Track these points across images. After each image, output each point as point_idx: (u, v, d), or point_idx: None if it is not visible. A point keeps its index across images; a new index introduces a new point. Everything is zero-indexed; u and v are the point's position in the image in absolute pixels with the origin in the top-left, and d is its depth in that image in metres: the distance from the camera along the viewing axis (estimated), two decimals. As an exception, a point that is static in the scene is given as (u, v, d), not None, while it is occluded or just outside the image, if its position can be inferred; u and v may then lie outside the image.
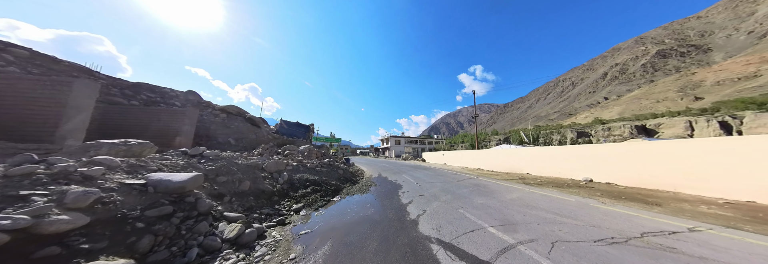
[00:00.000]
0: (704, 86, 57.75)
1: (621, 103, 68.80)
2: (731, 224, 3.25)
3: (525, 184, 7.12)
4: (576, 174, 8.18)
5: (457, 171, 11.95)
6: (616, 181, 7.06)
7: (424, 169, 13.43)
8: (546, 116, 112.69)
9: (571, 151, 8.83)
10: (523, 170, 10.67)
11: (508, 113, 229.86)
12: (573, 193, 5.52)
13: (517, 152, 11.62)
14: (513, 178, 8.65)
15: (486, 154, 14.12)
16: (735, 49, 78.82)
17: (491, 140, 36.27)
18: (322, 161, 9.86)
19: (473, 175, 9.66)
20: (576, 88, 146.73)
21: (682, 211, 3.93)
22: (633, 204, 4.46)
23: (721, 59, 76.28)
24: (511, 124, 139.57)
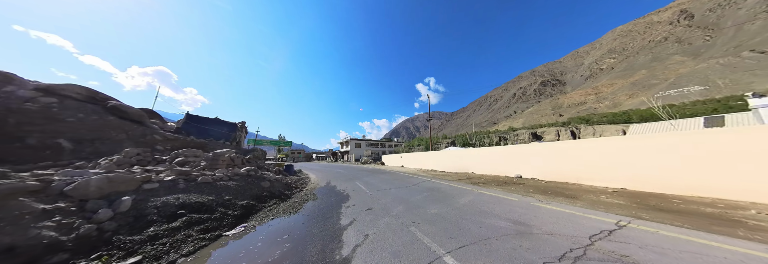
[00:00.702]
0: (564, 107, 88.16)
1: (523, 116, 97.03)
2: (634, 214, 3.36)
3: (473, 184, 6.76)
4: (509, 171, 8.43)
5: (413, 174, 11.07)
6: (538, 177, 7.50)
7: (381, 173, 12.03)
8: (480, 124, 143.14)
9: (503, 151, 9.16)
10: (469, 169, 10.57)
11: (454, 120, 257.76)
12: (513, 192, 5.38)
13: (463, 153, 11.56)
14: (462, 179, 8.29)
15: (438, 155, 13.71)
16: (576, 85, 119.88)
17: (442, 143, 41.03)
18: (236, 172, 6.68)
19: (427, 178, 8.97)
20: (498, 103, 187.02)
21: (595, 203, 4.03)
22: (560, 199, 4.47)
23: (570, 90, 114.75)
24: (457, 130, 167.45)
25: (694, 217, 3.21)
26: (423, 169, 14.47)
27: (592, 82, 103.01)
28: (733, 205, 3.72)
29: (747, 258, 2.00)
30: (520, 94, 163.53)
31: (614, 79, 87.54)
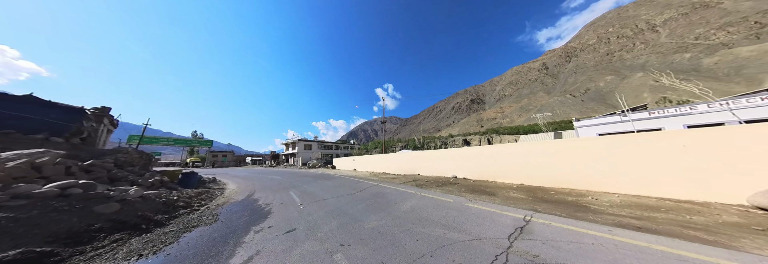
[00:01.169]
0: (484, 120, 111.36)
1: (459, 126, 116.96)
2: (532, 207, 3.74)
3: (417, 187, 6.72)
4: (447, 172, 8.94)
5: (363, 178, 10.22)
6: (468, 176, 8.10)
7: (328, 178, 10.49)
8: (427, 130, 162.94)
9: (441, 154, 9.86)
10: (416, 171, 10.62)
11: (408, 126, 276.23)
12: (449, 192, 5.46)
13: (411, 156, 11.56)
14: (409, 181, 8.20)
15: (389, 158, 13.31)
16: (491, 104, 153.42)
17: (397, 146, 41.97)
18: (32, 191, 3.55)
19: (376, 182, 8.31)
20: (441, 114, 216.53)
21: (507, 199, 4.45)
22: (484, 197, 4.76)
23: (488, 108, 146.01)
24: (410, 134, 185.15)
25: (564, 206, 3.83)
26: (374, 172, 13.54)
27: (500, 104, 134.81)
28: (578, 192, 4.83)
29: (597, 240, 2.37)
30: (457, 107, 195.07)
31: (511, 103, 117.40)
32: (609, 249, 2.15)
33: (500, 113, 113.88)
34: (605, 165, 4.92)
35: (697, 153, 3.85)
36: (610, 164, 4.86)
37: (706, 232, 2.49)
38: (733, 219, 2.84)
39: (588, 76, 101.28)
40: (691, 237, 2.36)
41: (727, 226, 2.63)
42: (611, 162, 4.85)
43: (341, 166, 20.16)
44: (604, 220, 3.03)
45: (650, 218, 3.02)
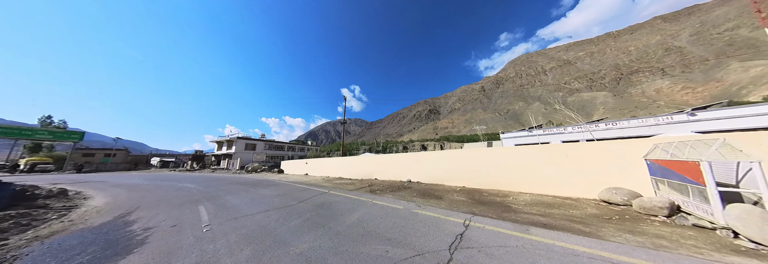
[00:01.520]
0: (439, 129, 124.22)
1: (419, 132, 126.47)
2: (471, 210, 3.94)
3: (371, 193, 6.16)
4: (403, 176, 8.80)
5: (313, 184, 8.74)
6: (421, 180, 8.18)
7: (268, 185, 8.51)
8: (391, 134, 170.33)
9: (397, 159, 9.68)
10: (374, 176, 10.18)
11: (373, 129, 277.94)
12: (401, 198, 5.26)
13: (369, 159, 11.10)
14: (364, 186, 7.56)
15: (347, 161, 12.31)
16: (445, 115, 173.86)
17: (360, 149, 41.32)
18: None
19: (327, 189, 7.20)
20: (405, 120, 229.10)
21: (452, 203, 4.53)
22: (433, 201, 4.75)
23: (442, 118, 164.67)
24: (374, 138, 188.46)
25: (494, 207, 4.19)
26: (329, 177, 12.01)
27: (451, 115, 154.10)
28: (503, 193, 5.51)
29: (519, 241, 2.55)
30: (418, 115, 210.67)
31: (459, 116, 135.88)
32: (528, 250, 2.32)
33: (451, 123, 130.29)
34: (520, 170, 5.91)
35: (572, 161, 5.15)
36: (522, 169, 5.87)
37: (583, 224, 3.12)
38: (594, 211, 3.76)
39: (509, 101, 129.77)
40: (576, 230, 2.86)
41: (592, 218, 3.41)
42: (523, 167, 5.87)
43: (291, 170, 17.21)
44: (523, 219, 3.42)
45: (550, 215, 3.63)
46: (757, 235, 2.29)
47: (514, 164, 6.14)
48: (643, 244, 2.42)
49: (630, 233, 2.76)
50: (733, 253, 2.16)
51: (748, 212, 2.46)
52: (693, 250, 2.26)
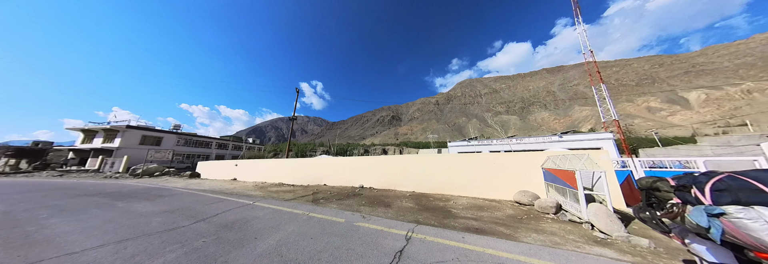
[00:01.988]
0: (399, 134, 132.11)
1: (381, 136, 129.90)
2: (416, 218, 3.85)
3: (313, 203, 5.20)
4: (355, 181, 8.23)
5: (237, 193, 6.91)
6: (374, 185, 7.81)
7: (153, 197, 5.98)
8: (354, 137, 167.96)
9: (350, 162, 8.96)
10: (322, 181, 9.05)
11: (334, 130, 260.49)
12: (347, 208, 4.65)
13: (320, 163, 9.81)
14: (307, 195, 6.38)
15: (292, 164, 10.52)
16: (405, 123, 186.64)
17: (318, 150, 36.47)
18: None
19: (252, 200, 5.57)
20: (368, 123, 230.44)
21: (399, 210, 4.36)
22: (380, 210, 4.44)
23: (403, 125, 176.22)
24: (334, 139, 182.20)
25: (437, 213, 4.23)
26: (265, 182, 9.97)
27: (410, 123, 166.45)
28: (446, 197, 5.78)
29: (455, 252, 2.49)
30: (381, 120, 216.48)
31: (417, 124, 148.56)
32: (463, 262, 2.27)
33: (410, 130, 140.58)
34: (460, 175, 6.48)
35: (496, 168, 6.07)
36: (461, 174, 6.46)
37: (505, 226, 3.47)
38: (511, 212, 4.36)
39: (455, 115, 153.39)
40: (500, 233, 3.11)
41: (510, 219, 3.88)
42: (462, 173, 6.47)
43: (212, 173, 13.38)
44: (460, 224, 3.51)
45: (481, 218, 3.93)
46: (604, 228, 3.05)
47: (455, 170, 6.69)
48: (545, 243, 2.80)
49: (535, 232, 3.22)
50: (594, 244, 2.77)
51: (598, 209, 3.31)
52: (573, 244, 2.77)
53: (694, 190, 1.33)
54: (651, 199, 1.58)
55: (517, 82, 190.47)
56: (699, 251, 1.41)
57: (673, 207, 1.44)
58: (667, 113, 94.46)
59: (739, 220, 1.13)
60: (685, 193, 1.38)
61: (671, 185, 1.47)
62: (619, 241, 2.80)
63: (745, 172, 1.24)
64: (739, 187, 1.20)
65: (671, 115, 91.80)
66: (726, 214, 1.18)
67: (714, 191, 1.27)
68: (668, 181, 1.50)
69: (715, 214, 1.22)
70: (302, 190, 7.47)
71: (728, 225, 1.18)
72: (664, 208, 1.50)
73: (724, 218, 1.19)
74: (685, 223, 1.41)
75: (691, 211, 1.33)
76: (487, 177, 6.12)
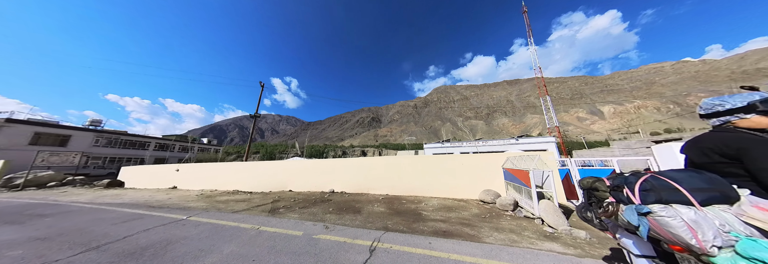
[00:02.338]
0: (379, 136, 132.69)
1: (361, 137, 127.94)
2: (385, 224, 3.62)
3: (269, 213, 4.48)
4: (326, 185, 7.59)
5: (170, 205, 5.62)
6: (346, 190, 7.27)
7: (39, 215, 4.42)
8: (332, 137, 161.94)
9: (324, 164, 8.19)
10: (288, 187, 8.06)
11: (310, 130, 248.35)
12: (310, 217, 4.08)
13: (289, 165, 8.75)
14: (264, 204, 5.51)
15: (249, 169, 9.16)
16: (385, 124, 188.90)
17: (290, 152, 33.25)
18: None
19: (187, 214, 4.56)
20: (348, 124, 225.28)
21: (369, 216, 4.05)
22: (348, 217, 4.07)
23: (383, 127, 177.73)
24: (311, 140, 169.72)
25: (407, 216, 4.07)
26: (216, 191, 8.34)
27: (390, 125, 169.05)
28: (418, 199, 5.71)
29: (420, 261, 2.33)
30: (361, 121, 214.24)
31: (396, 126, 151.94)
32: None
33: (390, 132, 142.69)
34: (432, 176, 6.57)
35: (465, 168, 6.34)
36: (434, 175, 6.56)
37: (470, 226, 3.49)
38: (476, 211, 4.50)
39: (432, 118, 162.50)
40: (466, 235, 3.10)
41: (475, 218, 3.97)
42: (435, 174, 6.58)
43: (142, 181, 10.76)
44: (428, 228, 3.41)
45: (449, 219, 3.90)
46: (552, 222, 3.36)
47: (427, 171, 6.77)
48: (505, 242, 2.89)
49: (496, 231, 3.34)
50: (545, 239, 2.99)
51: (547, 205, 3.65)
52: (528, 240, 2.93)
53: (626, 189, 1.36)
54: (591, 198, 1.62)
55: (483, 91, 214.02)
56: (627, 245, 1.48)
57: (609, 206, 1.48)
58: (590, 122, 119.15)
59: (662, 218, 1.16)
60: (618, 192, 1.41)
61: (607, 185, 1.51)
62: (564, 235, 3.10)
63: (663, 172, 1.32)
64: (661, 186, 1.26)
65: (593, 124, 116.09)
66: (652, 212, 1.21)
67: (641, 191, 1.31)
68: (604, 181, 1.55)
69: (643, 213, 1.25)
70: (260, 199, 6.48)
71: (653, 223, 1.21)
72: (602, 207, 1.54)
73: (650, 217, 1.23)
74: (618, 221, 1.45)
75: (624, 210, 1.37)
76: (457, 177, 6.32)
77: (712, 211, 1.08)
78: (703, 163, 1.27)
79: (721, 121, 1.29)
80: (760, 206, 1.00)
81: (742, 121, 1.22)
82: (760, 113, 1.17)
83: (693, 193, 1.13)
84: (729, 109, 1.24)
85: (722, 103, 1.27)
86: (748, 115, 1.20)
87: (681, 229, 1.08)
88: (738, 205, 1.07)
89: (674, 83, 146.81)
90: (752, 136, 1.15)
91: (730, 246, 1.01)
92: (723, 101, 1.27)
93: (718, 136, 1.24)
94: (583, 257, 2.38)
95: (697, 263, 1.11)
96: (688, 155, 1.38)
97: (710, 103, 1.32)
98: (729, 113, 1.25)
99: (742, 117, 1.21)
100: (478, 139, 20.85)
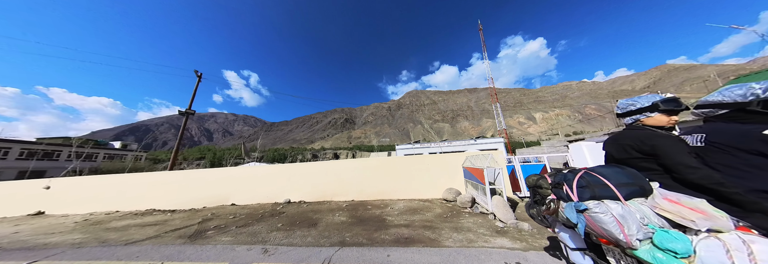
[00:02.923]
0: (353, 138, 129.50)
1: (333, 139, 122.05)
2: (343, 238, 3.21)
3: (188, 240, 3.42)
4: (282, 195, 6.55)
5: (12, 241, 3.77)
6: (306, 198, 6.47)
7: None
8: (300, 139, 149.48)
9: (279, 170, 6.99)
10: (229, 199, 6.70)
11: (274, 132, 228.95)
12: (247, 239, 3.23)
13: (232, 173, 7.26)
14: (189, 224, 4.28)
15: (182, 178, 7.33)
16: (359, 126, 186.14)
17: (248, 157, 26.96)
18: None
19: (26, 259, 2.98)
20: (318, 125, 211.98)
21: (326, 229, 3.57)
22: (299, 233, 3.41)
23: (357, 128, 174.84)
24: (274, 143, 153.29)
25: (370, 225, 3.76)
26: (117, 212, 6.30)
27: (364, 127, 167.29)
28: (385, 203, 5.45)
29: None
30: (333, 122, 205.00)
31: (371, 128, 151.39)
32: None
33: (364, 134, 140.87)
34: (401, 177, 6.45)
35: (431, 168, 6.42)
36: (403, 176, 6.45)
37: (432, 229, 3.38)
38: (439, 210, 4.51)
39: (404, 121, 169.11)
40: (426, 240, 2.95)
41: (438, 219, 3.93)
42: (404, 175, 6.48)
43: None
44: (390, 236, 3.15)
45: (412, 223, 3.75)
46: (502, 217, 3.56)
47: (396, 172, 6.63)
48: (463, 243, 2.85)
49: (456, 231, 3.32)
50: (497, 234, 3.12)
51: (498, 201, 3.89)
52: (483, 238, 2.99)
53: (565, 186, 1.29)
54: (536, 196, 1.55)
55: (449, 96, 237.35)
56: (564, 238, 1.46)
57: (551, 203, 1.42)
58: (527, 126, 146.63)
59: (596, 215, 1.10)
60: (559, 189, 1.33)
61: (549, 183, 1.43)
62: (512, 229, 3.31)
63: (594, 169, 1.32)
64: (594, 182, 1.22)
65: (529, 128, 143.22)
66: (588, 209, 1.14)
67: (578, 188, 1.24)
68: (547, 178, 1.48)
69: (581, 210, 1.18)
70: (184, 219, 5.00)
71: (588, 219, 1.13)
72: (545, 204, 1.46)
73: (586, 213, 1.15)
74: (558, 218, 1.40)
75: (564, 208, 1.29)
76: (423, 177, 6.37)
77: (633, 204, 1.12)
78: (623, 158, 1.36)
79: (632, 119, 1.41)
80: (669, 198, 1.06)
81: (648, 119, 1.35)
82: (662, 112, 1.31)
83: (619, 188, 1.16)
84: (639, 109, 1.37)
85: (634, 103, 1.40)
86: (652, 113, 1.33)
87: (611, 225, 1.07)
88: (652, 198, 1.13)
89: (578, 97, 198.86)
90: (662, 134, 1.27)
91: (649, 238, 1.04)
92: (634, 101, 1.40)
93: (633, 133, 1.35)
94: (527, 251, 2.50)
95: (621, 254, 1.13)
96: (609, 151, 1.49)
97: (625, 103, 1.44)
98: (639, 112, 1.37)
99: (649, 115, 1.34)
100: (444, 140, 22.47)
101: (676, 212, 1.01)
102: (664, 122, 1.32)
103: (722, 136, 1.17)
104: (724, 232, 0.92)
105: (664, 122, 1.32)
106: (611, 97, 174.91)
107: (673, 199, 1.05)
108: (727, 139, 1.15)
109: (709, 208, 0.96)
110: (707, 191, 1.06)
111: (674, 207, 1.02)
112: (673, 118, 1.31)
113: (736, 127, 1.17)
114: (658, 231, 1.02)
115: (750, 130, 1.11)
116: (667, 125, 1.32)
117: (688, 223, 0.97)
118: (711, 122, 1.30)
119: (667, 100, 1.29)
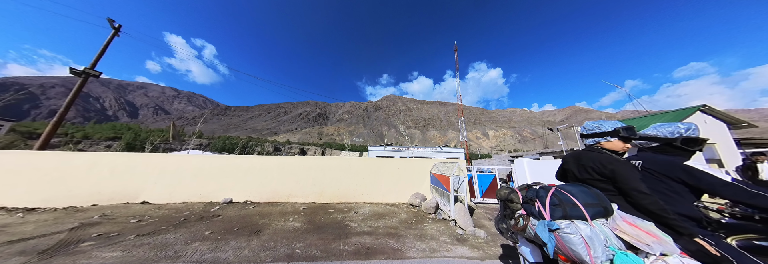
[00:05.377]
0: (324, 134, 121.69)
1: (301, 133, 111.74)
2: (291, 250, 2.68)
3: (38, 259, 2.18)
4: (221, 193, 5.42)
5: None
6: (253, 198, 5.48)
7: None
8: (262, 129, 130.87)
9: (218, 163, 5.84)
10: (139, 196, 5.15)
11: (229, 117, 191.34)
12: (150, 253, 2.35)
13: (152, 160, 5.59)
14: (55, 231, 2.84)
15: (62, 163, 5.18)
16: (332, 123, 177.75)
17: (190, 142, 24.59)
18: None
19: None
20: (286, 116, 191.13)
21: (271, 239, 2.93)
22: (233, 244, 2.69)
23: (329, 124, 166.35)
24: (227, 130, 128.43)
25: (329, 232, 3.30)
26: None
27: (338, 124, 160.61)
28: (350, 206, 5.11)
29: None
30: (305, 115, 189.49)
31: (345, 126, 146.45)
32: None
33: (337, 131, 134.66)
34: (369, 179, 6.14)
35: (401, 172, 6.37)
36: (371, 179, 6.17)
37: (396, 238, 3.19)
38: (405, 216, 4.43)
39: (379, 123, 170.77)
40: (389, 251, 2.74)
41: (403, 225, 3.81)
42: (371, 177, 6.19)
43: None
44: (350, 246, 2.82)
45: (376, 230, 3.52)
46: (463, 223, 3.70)
47: (363, 174, 6.29)
48: (426, 253, 2.75)
49: (419, 239, 3.23)
50: (457, 242, 3.17)
51: (460, 208, 4.06)
52: (445, 247, 2.97)
53: (538, 203, 1.21)
54: (506, 210, 1.47)
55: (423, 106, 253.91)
56: (524, 252, 1.42)
57: (520, 218, 1.34)
58: (482, 141, 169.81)
59: (566, 235, 1.05)
60: (531, 206, 1.24)
61: (520, 197, 1.36)
62: (470, 236, 3.45)
63: (563, 187, 1.32)
64: (565, 201, 1.18)
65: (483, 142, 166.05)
66: (560, 229, 1.07)
67: (551, 206, 1.17)
68: (518, 193, 1.41)
69: (553, 229, 1.11)
70: (45, 223, 3.32)
71: (558, 239, 1.06)
72: (513, 218, 1.38)
73: (556, 233, 1.08)
74: (525, 234, 1.33)
75: (536, 226, 1.20)
76: (391, 181, 6.24)
77: (597, 225, 1.17)
78: (585, 178, 1.45)
79: (594, 141, 1.53)
80: (628, 221, 1.13)
81: (607, 143, 1.49)
82: (621, 138, 1.46)
83: (586, 208, 1.20)
84: (602, 132, 1.50)
85: (599, 127, 1.53)
86: (612, 138, 1.47)
87: (579, 246, 1.06)
88: (613, 220, 1.20)
89: (519, 121, 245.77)
90: (620, 159, 1.39)
91: (609, 260, 1.08)
92: (600, 125, 1.54)
93: (594, 156, 1.45)
94: (484, 259, 2.58)
95: None
96: (569, 168, 1.59)
97: (592, 125, 1.57)
98: (601, 135, 1.50)
99: (609, 140, 1.48)
100: (415, 146, 23.40)
101: (635, 235, 1.07)
102: (619, 148, 1.47)
103: (655, 164, 1.38)
104: (670, 255, 1.00)
105: (619, 147, 1.47)
106: (541, 124, 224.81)
107: (631, 221, 1.13)
108: (658, 167, 1.36)
109: (659, 233, 1.06)
110: (653, 216, 1.18)
111: (634, 230, 1.09)
112: (627, 144, 1.47)
113: (663, 157, 1.40)
114: (618, 253, 1.06)
115: (674, 160, 1.34)
116: (621, 151, 1.48)
117: (643, 246, 1.03)
118: (644, 152, 1.54)
119: (627, 128, 1.45)
